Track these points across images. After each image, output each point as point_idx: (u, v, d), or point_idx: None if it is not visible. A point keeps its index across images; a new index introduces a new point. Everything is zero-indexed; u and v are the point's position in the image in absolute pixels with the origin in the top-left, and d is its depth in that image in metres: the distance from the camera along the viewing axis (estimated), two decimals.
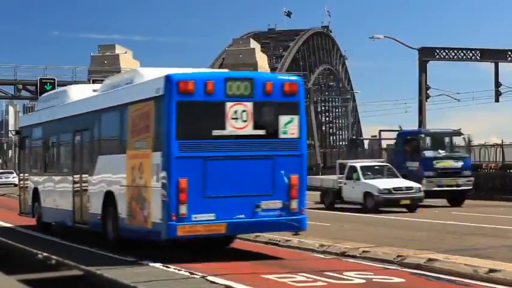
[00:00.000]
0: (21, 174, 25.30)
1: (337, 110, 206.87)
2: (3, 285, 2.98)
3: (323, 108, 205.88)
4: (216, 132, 14.94)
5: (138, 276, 12.83)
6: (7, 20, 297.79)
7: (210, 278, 12.62)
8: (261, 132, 15.29)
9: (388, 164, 34.11)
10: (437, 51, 53.77)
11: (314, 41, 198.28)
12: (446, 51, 54.15)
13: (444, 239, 19.33)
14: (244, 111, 15.02)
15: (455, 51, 54.52)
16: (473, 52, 54.63)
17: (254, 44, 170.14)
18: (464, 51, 54.76)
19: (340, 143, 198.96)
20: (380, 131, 59.93)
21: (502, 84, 54.92)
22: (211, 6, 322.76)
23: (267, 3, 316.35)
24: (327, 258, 15.81)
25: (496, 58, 54.54)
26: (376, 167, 33.23)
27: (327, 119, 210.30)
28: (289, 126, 15.51)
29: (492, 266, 13.11)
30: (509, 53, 54.79)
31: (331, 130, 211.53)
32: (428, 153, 34.47)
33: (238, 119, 15.00)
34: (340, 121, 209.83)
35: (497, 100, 55.20)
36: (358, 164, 33.09)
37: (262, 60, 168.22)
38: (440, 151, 34.85)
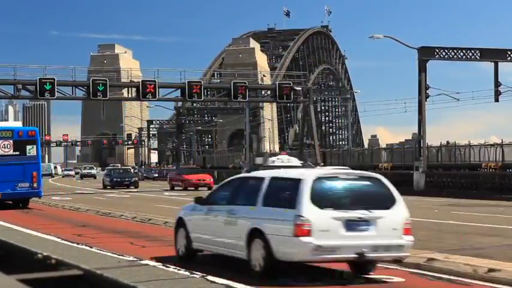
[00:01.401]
0: None
1: (336, 110, 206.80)
2: (3, 285, 2.97)
3: (323, 108, 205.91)
4: None
5: (138, 276, 12.82)
6: (7, 20, 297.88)
7: (209, 277, 12.60)
8: (17, 153, 33.32)
9: None
10: (437, 50, 53.70)
11: (314, 40, 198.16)
12: (446, 50, 54.09)
13: (444, 238, 19.32)
14: (8, 144, 33.19)
15: (455, 51, 54.47)
16: (473, 52, 54.57)
17: (254, 44, 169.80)
18: (464, 51, 54.69)
19: (340, 142, 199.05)
20: None
21: (502, 84, 54.86)
22: (211, 6, 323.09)
23: (267, 3, 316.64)
24: None
25: (495, 58, 54.47)
26: None
27: (327, 118, 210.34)
28: (31, 150, 33.67)
29: (492, 265, 13.11)
30: (509, 52, 54.72)
31: (330, 130, 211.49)
32: None
33: (6, 148, 33.14)
34: (339, 121, 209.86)
35: (496, 100, 55.12)
36: None
37: (261, 60, 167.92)
38: None
